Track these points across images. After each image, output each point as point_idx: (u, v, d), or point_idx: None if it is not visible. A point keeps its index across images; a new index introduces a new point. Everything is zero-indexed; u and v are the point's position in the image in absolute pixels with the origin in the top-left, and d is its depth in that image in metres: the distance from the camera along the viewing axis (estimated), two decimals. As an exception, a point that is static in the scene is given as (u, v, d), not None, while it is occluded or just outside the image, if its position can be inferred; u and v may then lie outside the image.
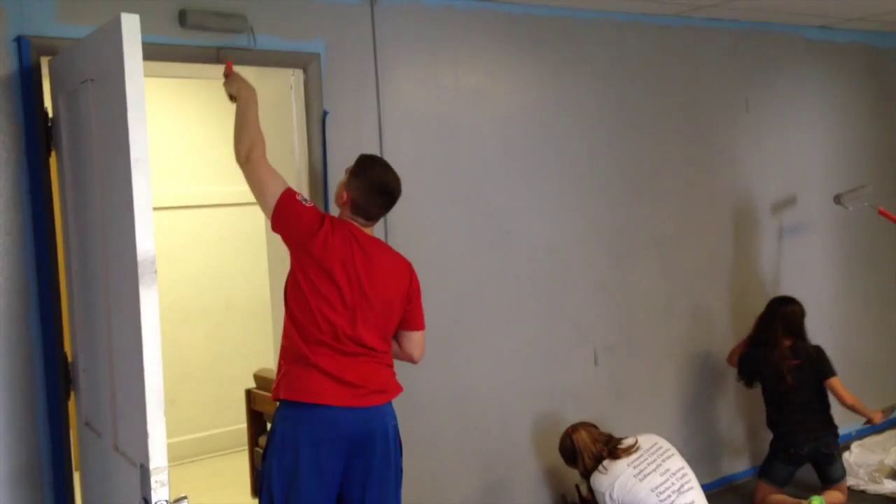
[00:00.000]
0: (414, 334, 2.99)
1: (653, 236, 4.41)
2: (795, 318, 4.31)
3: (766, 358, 4.27)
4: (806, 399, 4.24)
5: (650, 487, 3.32)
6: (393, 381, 2.90)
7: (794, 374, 4.21)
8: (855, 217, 5.16)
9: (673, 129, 4.48)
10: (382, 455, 2.79)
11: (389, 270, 2.88)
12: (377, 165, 2.91)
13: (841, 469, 4.28)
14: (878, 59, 5.41)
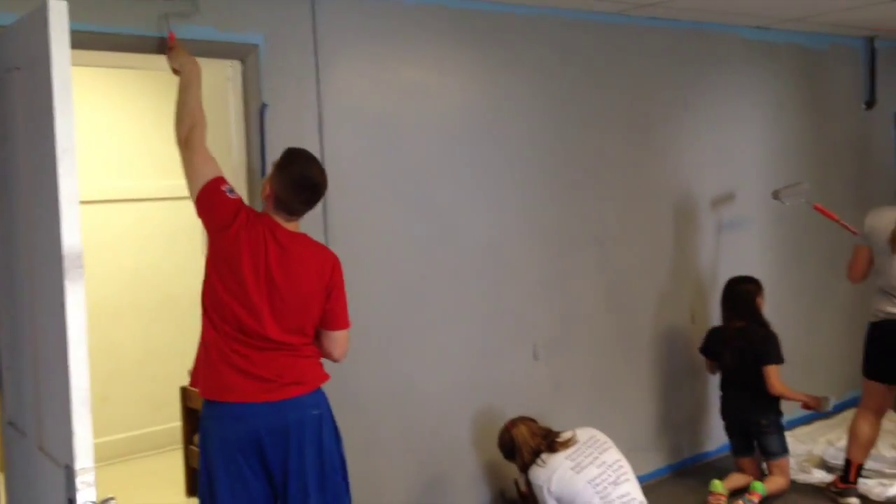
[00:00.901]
0: (334, 333, 2.89)
1: (593, 232, 4.45)
2: (745, 297, 4.47)
3: (718, 336, 4.50)
4: (746, 378, 4.40)
5: (587, 479, 3.35)
6: (313, 371, 2.84)
7: (734, 355, 4.39)
8: (789, 213, 5.29)
9: (615, 126, 4.52)
10: (300, 447, 2.74)
11: (307, 264, 2.81)
12: (300, 159, 2.84)
13: (777, 443, 4.41)
14: (812, 59, 5.54)
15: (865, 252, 4.24)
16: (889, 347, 4.14)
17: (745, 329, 4.43)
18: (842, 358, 5.64)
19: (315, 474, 2.77)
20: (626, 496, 3.38)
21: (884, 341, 4.17)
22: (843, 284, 5.57)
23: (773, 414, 4.42)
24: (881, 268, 4.15)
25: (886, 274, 4.11)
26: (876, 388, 4.25)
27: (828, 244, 5.64)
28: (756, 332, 4.43)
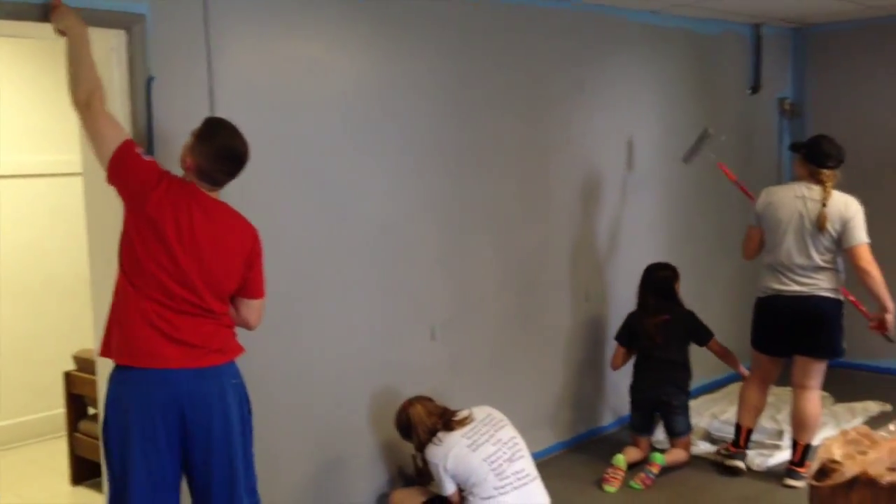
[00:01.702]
0: (253, 302, 2.96)
1: (491, 212, 4.47)
2: (665, 283, 4.65)
3: (639, 320, 4.61)
4: (667, 356, 4.55)
5: (482, 457, 3.38)
6: (233, 341, 2.88)
7: (661, 330, 4.54)
8: (681, 194, 5.46)
9: (513, 107, 4.54)
10: (222, 416, 2.75)
11: (230, 233, 2.83)
12: (224, 130, 2.85)
13: (684, 424, 4.57)
14: (702, 44, 5.71)
15: (757, 232, 4.41)
16: (774, 322, 4.34)
17: (669, 317, 4.58)
18: (730, 332, 5.86)
19: (239, 444, 2.81)
20: (521, 472, 3.42)
21: (769, 316, 4.36)
22: (731, 262, 5.82)
23: (685, 395, 4.58)
24: (772, 246, 4.31)
25: (776, 252, 4.27)
26: (763, 360, 4.46)
27: (717, 224, 5.85)
28: (680, 311, 4.64)
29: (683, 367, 4.62)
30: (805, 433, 4.33)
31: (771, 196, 4.35)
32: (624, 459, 4.41)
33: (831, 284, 4.22)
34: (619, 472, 4.35)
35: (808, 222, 4.17)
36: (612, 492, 4.28)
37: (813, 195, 4.19)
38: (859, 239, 4.11)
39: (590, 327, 5.07)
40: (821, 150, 4.22)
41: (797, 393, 4.36)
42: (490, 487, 3.35)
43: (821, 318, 4.22)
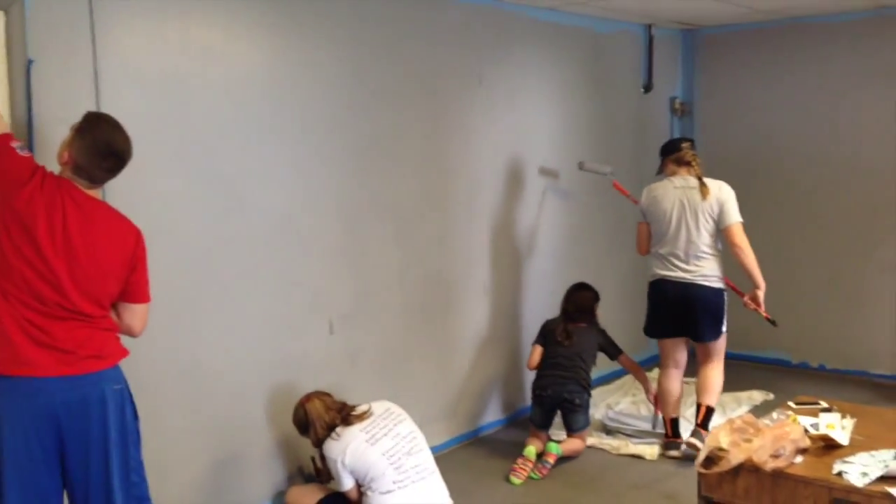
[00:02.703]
0: (136, 307, 2.84)
1: (391, 204, 4.44)
2: (585, 302, 4.84)
3: (557, 324, 4.77)
4: (573, 357, 4.66)
5: (381, 451, 3.36)
6: (112, 345, 2.75)
7: (575, 334, 4.69)
8: (576, 189, 5.56)
9: (411, 99, 4.52)
10: (101, 425, 2.64)
11: (110, 234, 2.71)
12: (104, 124, 2.72)
13: (583, 421, 4.67)
14: (598, 43, 5.81)
15: (646, 227, 4.64)
16: (662, 305, 4.60)
17: (585, 325, 4.77)
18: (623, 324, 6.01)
19: (118, 452, 2.69)
20: (420, 466, 3.41)
21: (657, 298, 4.63)
22: (622, 257, 5.95)
23: (587, 395, 4.69)
24: (659, 236, 4.55)
25: (663, 241, 4.52)
26: (665, 345, 4.70)
27: (612, 218, 5.98)
28: (595, 330, 4.83)
29: (587, 370, 4.71)
30: (708, 395, 4.62)
31: (653, 191, 4.60)
32: (534, 451, 4.46)
33: (714, 272, 4.49)
34: (528, 464, 4.40)
35: (689, 210, 4.45)
36: (518, 483, 4.32)
37: (689, 183, 4.48)
38: (734, 218, 4.41)
39: (489, 322, 5.11)
40: (669, 141, 4.71)
41: (701, 367, 4.68)
42: (389, 482, 3.33)
43: (702, 304, 4.49)
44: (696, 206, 4.43)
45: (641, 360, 6.27)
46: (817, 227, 6.13)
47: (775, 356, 6.34)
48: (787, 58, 6.18)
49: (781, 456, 2.80)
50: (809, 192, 6.14)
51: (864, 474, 2.63)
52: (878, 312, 5.93)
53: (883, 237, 5.87)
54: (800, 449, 2.86)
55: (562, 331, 4.70)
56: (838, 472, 2.68)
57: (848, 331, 6.06)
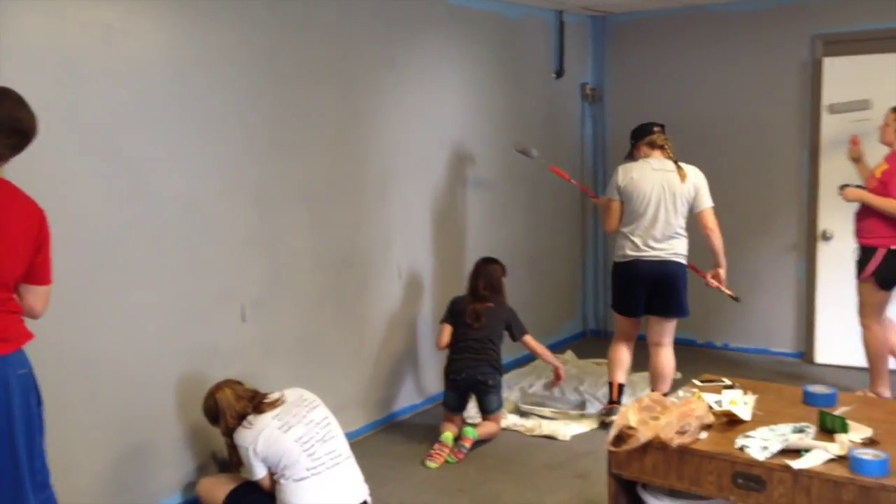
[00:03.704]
0: (39, 288, 2.75)
1: (303, 189, 4.38)
2: (493, 275, 4.83)
3: (464, 303, 4.77)
4: (484, 340, 4.68)
5: (294, 438, 3.32)
6: (17, 327, 2.68)
7: (484, 315, 4.69)
8: (496, 173, 5.59)
9: (324, 83, 4.47)
10: (5, 409, 2.56)
11: (14, 214, 2.62)
12: (8, 101, 2.62)
13: (497, 402, 4.71)
14: (509, 28, 5.85)
15: (619, 205, 4.76)
16: (633, 284, 4.75)
17: (492, 304, 4.76)
18: (536, 306, 6.10)
19: (24, 439, 2.62)
20: (334, 452, 3.39)
21: (629, 279, 4.76)
22: (537, 238, 6.02)
23: (499, 375, 4.73)
24: (634, 216, 4.68)
25: (639, 221, 4.66)
26: (623, 321, 4.89)
27: (528, 201, 6.04)
28: (504, 309, 4.82)
29: (497, 350, 4.75)
30: (662, 384, 4.81)
31: (631, 171, 4.72)
32: (451, 436, 4.49)
33: (684, 250, 4.73)
34: (444, 449, 4.43)
35: (669, 192, 4.61)
36: (434, 468, 4.34)
37: (667, 167, 4.66)
38: (709, 203, 4.69)
39: (404, 306, 5.10)
40: (641, 126, 4.81)
41: (654, 350, 4.85)
42: (302, 469, 3.30)
43: (674, 280, 4.70)
44: (675, 189, 4.60)
45: (553, 343, 6.38)
46: (722, 210, 6.29)
47: (682, 336, 6.47)
48: (692, 45, 6.34)
49: (687, 432, 2.87)
50: (714, 176, 6.25)
51: (764, 448, 2.73)
52: (779, 292, 6.17)
53: (784, 219, 6.10)
54: (704, 425, 2.94)
55: (471, 312, 4.72)
56: (740, 447, 2.76)
57: (750, 311, 6.28)
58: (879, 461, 2.52)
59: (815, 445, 2.70)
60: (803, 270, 6.05)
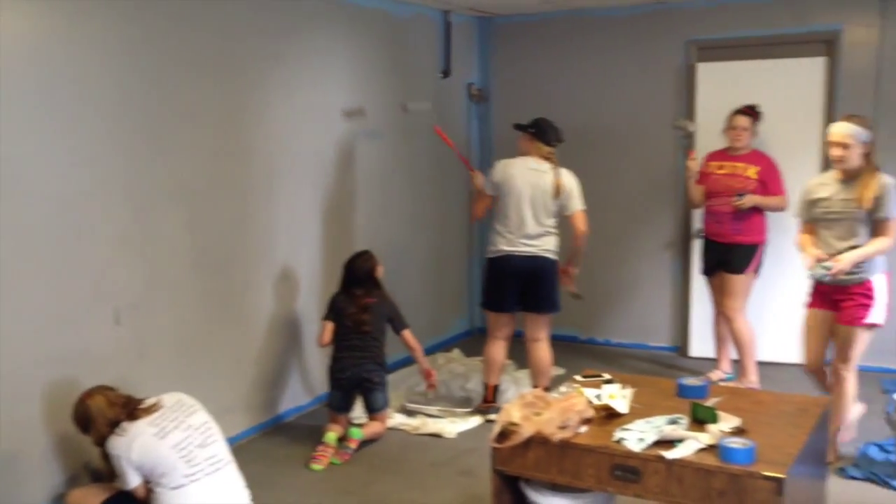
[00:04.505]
0: None
1: (180, 188, 4.24)
2: (366, 272, 4.77)
3: (344, 301, 4.68)
4: (367, 337, 4.65)
5: (171, 444, 3.20)
6: None
7: (367, 311, 4.64)
8: (382, 172, 5.56)
9: (206, 78, 4.34)
10: None
11: None
12: None
13: (383, 400, 4.69)
14: (395, 26, 5.83)
15: (489, 198, 4.90)
16: (505, 279, 4.83)
17: (375, 300, 4.70)
18: (427, 302, 6.12)
19: None
20: (214, 458, 3.29)
21: (501, 274, 4.85)
22: (426, 235, 6.03)
23: (384, 372, 4.71)
24: (507, 211, 4.80)
25: (511, 217, 4.76)
26: (499, 319, 4.93)
27: (413, 201, 6.03)
28: (386, 304, 4.77)
29: (382, 346, 4.72)
30: (542, 377, 4.96)
31: (509, 168, 4.83)
32: (335, 437, 4.45)
33: (555, 246, 4.84)
34: (328, 450, 4.38)
35: (541, 192, 4.75)
36: (319, 469, 4.28)
37: (542, 168, 4.80)
38: (580, 206, 4.86)
39: (289, 305, 5.01)
40: (549, 132, 4.89)
41: (531, 346, 4.96)
42: (180, 476, 3.19)
43: (546, 275, 4.81)
44: (548, 189, 4.76)
45: (441, 341, 6.42)
46: (602, 210, 6.48)
47: (566, 333, 6.65)
48: (574, 48, 6.48)
49: (568, 427, 2.93)
50: (595, 176, 6.45)
51: (640, 440, 2.80)
52: (656, 289, 6.38)
53: (660, 218, 6.31)
54: (585, 419, 3.00)
55: (354, 312, 4.65)
56: (618, 440, 2.83)
57: (630, 307, 6.48)
58: (746, 449, 2.63)
59: (687, 436, 2.79)
60: (679, 268, 6.27)
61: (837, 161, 4.10)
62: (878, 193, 4.04)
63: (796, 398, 3.47)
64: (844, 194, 4.12)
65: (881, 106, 5.59)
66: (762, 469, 2.58)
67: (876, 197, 4.03)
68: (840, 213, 4.12)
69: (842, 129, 4.08)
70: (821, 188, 4.23)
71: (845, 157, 4.06)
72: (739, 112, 5.31)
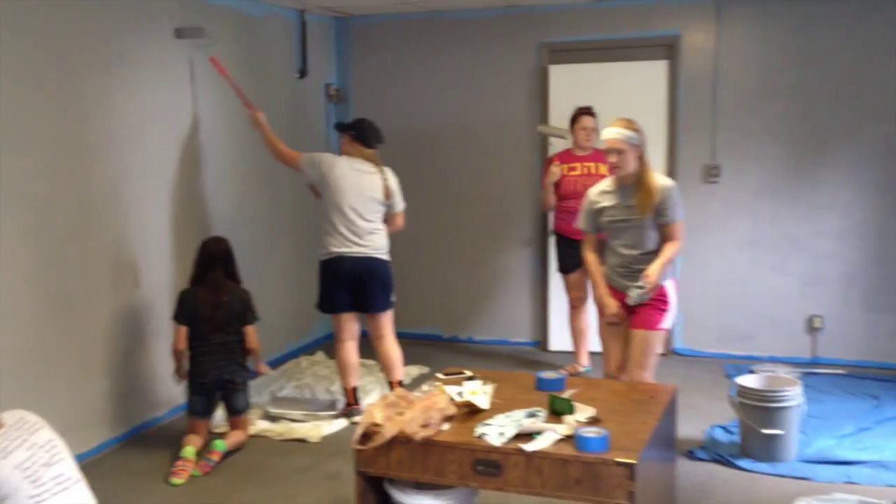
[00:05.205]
0: None
1: (16, 193, 4.00)
2: (226, 255, 4.59)
3: (197, 299, 4.48)
4: (225, 334, 4.49)
5: (14, 465, 3.00)
6: None
7: (222, 311, 4.48)
8: (236, 173, 5.43)
9: (41, 75, 4.11)
10: None
11: None
12: None
13: (244, 401, 4.58)
14: (248, 25, 5.72)
15: (303, 162, 4.82)
16: (340, 279, 4.77)
17: (227, 290, 4.54)
18: (292, 305, 6.03)
19: None
20: (61, 476, 3.10)
21: (335, 274, 4.78)
22: (287, 240, 5.94)
23: (246, 371, 4.59)
24: (335, 210, 4.72)
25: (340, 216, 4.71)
26: (342, 319, 4.88)
27: (272, 202, 5.93)
28: (239, 293, 4.59)
29: (242, 345, 4.59)
30: (395, 371, 4.96)
31: (336, 168, 4.77)
32: (193, 450, 4.30)
33: (385, 245, 4.85)
34: (188, 464, 4.23)
35: (370, 193, 4.77)
36: (180, 483, 4.14)
37: (367, 168, 4.81)
38: (402, 205, 4.94)
39: (142, 312, 4.82)
40: (369, 133, 4.86)
41: (376, 343, 4.95)
42: (24, 497, 2.99)
43: (378, 276, 4.81)
44: (378, 191, 4.78)
45: (304, 344, 6.34)
46: (463, 210, 6.59)
47: (429, 332, 6.72)
48: (431, 50, 6.54)
49: (430, 425, 2.96)
50: (455, 176, 6.57)
51: (501, 434, 2.86)
52: (516, 286, 6.53)
53: (519, 217, 6.46)
54: (447, 417, 3.04)
55: (209, 313, 4.45)
56: (479, 435, 2.88)
57: (491, 305, 6.60)
58: (600, 438, 2.73)
59: (545, 428, 2.88)
60: (537, 265, 6.44)
61: (614, 167, 4.00)
62: (660, 198, 3.95)
63: (648, 386, 3.64)
64: (627, 201, 4.01)
65: (719, 106, 5.93)
66: (615, 456, 2.69)
67: (658, 202, 3.95)
68: (626, 221, 4.01)
69: (614, 135, 3.96)
70: (604, 197, 4.10)
71: (620, 163, 3.96)
72: (588, 113, 5.51)
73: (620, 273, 4.07)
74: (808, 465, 4.17)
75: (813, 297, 5.91)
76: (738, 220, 6.00)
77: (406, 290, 6.20)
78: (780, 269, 5.95)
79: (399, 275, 5.16)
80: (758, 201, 5.94)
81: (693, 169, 6.03)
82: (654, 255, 3.99)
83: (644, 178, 3.99)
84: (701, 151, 6.00)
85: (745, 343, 6.05)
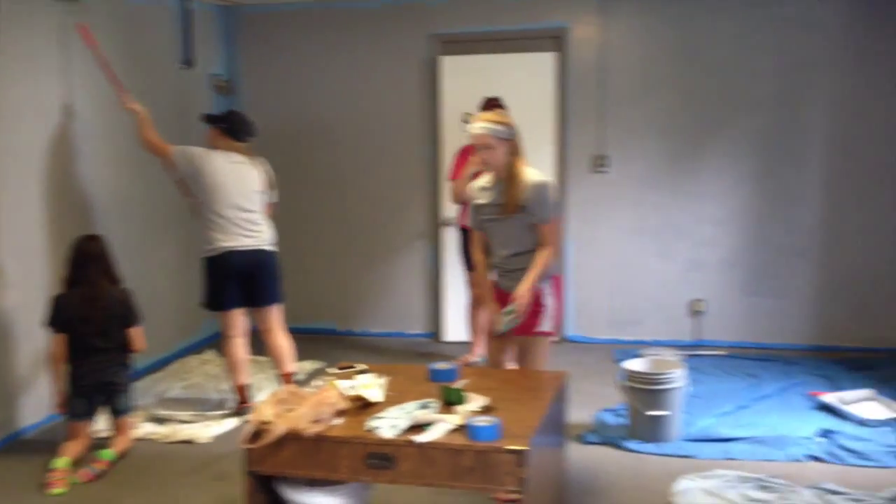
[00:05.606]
0: None
1: None
2: (95, 256, 4.35)
3: (74, 303, 4.25)
4: (106, 339, 4.30)
5: None
6: None
7: (101, 313, 4.26)
8: (117, 168, 5.21)
9: None
10: None
11: None
12: None
13: (127, 402, 4.41)
14: (126, 13, 5.50)
15: (172, 154, 4.63)
16: (231, 275, 4.66)
17: (105, 291, 4.32)
18: (179, 303, 5.84)
19: None
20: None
21: (225, 270, 4.66)
22: (174, 236, 5.76)
23: (129, 372, 4.43)
24: (216, 208, 4.61)
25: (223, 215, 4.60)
26: (232, 316, 4.77)
27: (154, 199, 5.73)
28: (118, 294, 4.38)
29: (124, 345, 4.40)
30: (286, 363, 4.90)
31: (212, 162, 4.64)
32: (66, 460, 4.09)
33: (272, 238, 4.80)
34: (62, 474, 4.01)
35: (250, 185, 4.71)
36: (61, 492, 3.94)
37: (244, 160, 4.76)
38: (275, 197, 4.95)
39: (18, 314, 4.59)
40: (241, 127, 4.79)
41: (266, 337, 4.88)
42: None
43: (267, 268, 4.76)
44: (255, 181, 4.74)
45: (194, 343, 6.17)
46: (355, 202, 6.53)
47: (323, 326, 6.64)
48: (321, 40, 6.45)
49: (321, 420, 2.91)
50: (347, 168, 6.50)
51: (393, 426, 2.84)
52: (411, 277, 6.52)
53: (412, 208, 6.45)
54: (339, 411, 3.00)
55: (86, 318, 4.23)
56: (371, 428, 2.85)
57: (385, 296, 6.58)
58: (491, 427, 2.75)
59: (437, 419, 2.87)
60: (432, 256, 6.45)
61: (483, 164, 3.77)
62: (527, 194, 3.68)
63: (539, 374, 3.69)
64: (499, 198, 3.75)
65: (606, 98, 6.06)
66: (506, 444, 2.71)
67: (525, 199, 3.68)
68: (497, 220, 3.78)
69: (481, 130, 3.70)
70: (482, 193, 3.85)
71: (490, 159, 3.70)
72: (496, 105, 5.34)
73: (500, 273, 3.88)
74: (691, 443, 4.32)
75: (695, 282, 6.12)
76: (626, 209, 6.16)
77: (299, 284, 6.11)
78: (665, 256, 6.14)
79: (292, 269, 5.09)
80: (643, 190, 6.11)
81: (582, 159, 6.15)
82: (529, 255, 3.75)
83: (513, 173, 3.71)
84: (589, 142, 6.12)
85: (633, 328, 6.22)
